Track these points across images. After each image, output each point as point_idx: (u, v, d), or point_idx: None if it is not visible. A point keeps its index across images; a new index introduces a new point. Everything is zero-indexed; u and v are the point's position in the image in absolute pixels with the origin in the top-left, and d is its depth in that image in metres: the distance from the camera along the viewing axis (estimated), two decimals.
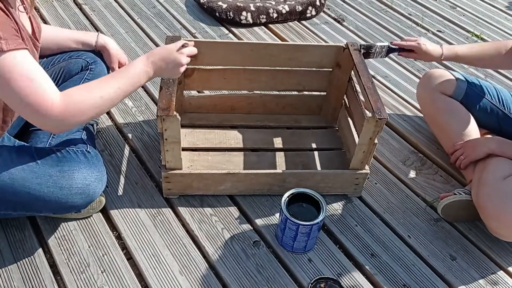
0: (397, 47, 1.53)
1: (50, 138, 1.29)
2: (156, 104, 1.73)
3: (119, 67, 1.44)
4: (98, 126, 1.61)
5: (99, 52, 1.44)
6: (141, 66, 1.16)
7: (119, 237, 1.32)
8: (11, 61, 0.95)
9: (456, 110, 1.56)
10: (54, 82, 1.36)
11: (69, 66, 1.39)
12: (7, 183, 1.11)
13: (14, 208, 1.19)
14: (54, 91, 1.01)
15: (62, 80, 1.39)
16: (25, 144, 1.23)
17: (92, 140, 1.35)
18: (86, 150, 1.22)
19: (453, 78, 1.58)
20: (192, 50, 1.26)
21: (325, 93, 1.66)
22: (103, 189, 1.25)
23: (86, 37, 1.41)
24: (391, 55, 1.58)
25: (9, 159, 1.13)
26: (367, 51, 1.52)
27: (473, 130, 1.53)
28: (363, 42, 2.26)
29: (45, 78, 1.00)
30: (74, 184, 1.15)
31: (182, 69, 1.23)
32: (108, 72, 1.45)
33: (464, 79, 1.58)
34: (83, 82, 1.39)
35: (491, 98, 1.57)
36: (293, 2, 2.34)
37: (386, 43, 1.53)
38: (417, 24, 2.46)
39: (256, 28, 2.26)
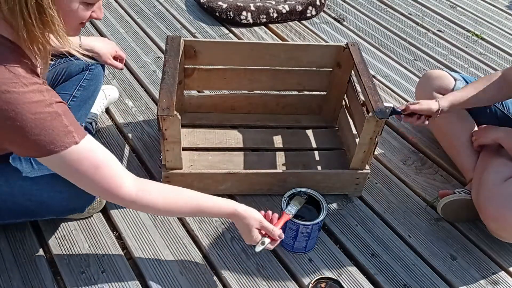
0: (400, 110, 1.37)
1: None
2: (156, 104, 1.73)
3: (115, 59, 1.44)
4: (97, 126, 1.61)
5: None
6: (229, 212, 1.13)
7: (119, 237, 1.32)
8: (81, 152, 0.94)
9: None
10: (55, 81, 1.38)
11: (70, 67, 1.40)
12: (6, 192, 1.11)
13: (16, 216, 1.20)
14: (124, 175, 1.02)
15: (63, 80, 1.41)
16: None
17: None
18: None
19: (452, 78, 1.58)
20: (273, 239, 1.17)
21: (325, 93, 1.66)
22: None
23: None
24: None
25: (6, 167, 1.13)
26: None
27: (471, 130, 1.53)
28: (363, 42, 2.26)
29: (113, 162, 1.01)
30: (73, 187, 1.14)
31: (251, 240, 1.17)
32: (104, 70, 1.46)
33: (462, 79, 1.58)
34: (82, 82, 1.40)
35: None
36: (293, 2, 2.34)
37: (391, 105, 1.39)
38: (417, 23, 2.46)
39: (256, 28, 2.25)
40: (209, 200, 1.13)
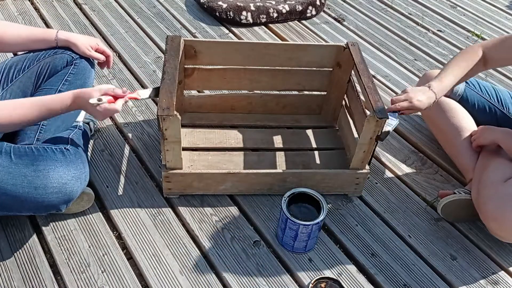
0: (396, 112, 1.35)
1: (37, 134, 1.28)
2: (156, 104, 1.73)
3: (96, 51, 1.42)
4: (96, 126, 1.61)
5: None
6: (68, 96, 1.19)
7: (119, 237, 1.32)
8: None
9: (453, 110, 1.56)
10: (40, 75, 1.38)
11: (54, 61, 1.37)
12: None
13: None
14: None
15: (48, 75, 1.38)
16: (3, 143, 1.21)
17: (85, 138, 1.34)
18: (65, 148, 1.20)
19: None
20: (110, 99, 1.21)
21: (325, 93, 1.66)
22: (83, 187, 1.22)
23: (45, 35, 1.39)
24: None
25: None
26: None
27: (470, 130, 1.53)
28: (363, 42, 2.27)
29: None
30: (49, 184, 1.13)
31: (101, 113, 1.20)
32: (92, 66, 1.44)
33: None
34: (68, 77, 1.38)
35: (490, 98, 1.58)
36: (293, 2, 2.34)
37: (390, 127, 1.34)
38: (417, 23, 2.46)
39: (256, 28, 2.25)
40: (50, 96, 1.19)
